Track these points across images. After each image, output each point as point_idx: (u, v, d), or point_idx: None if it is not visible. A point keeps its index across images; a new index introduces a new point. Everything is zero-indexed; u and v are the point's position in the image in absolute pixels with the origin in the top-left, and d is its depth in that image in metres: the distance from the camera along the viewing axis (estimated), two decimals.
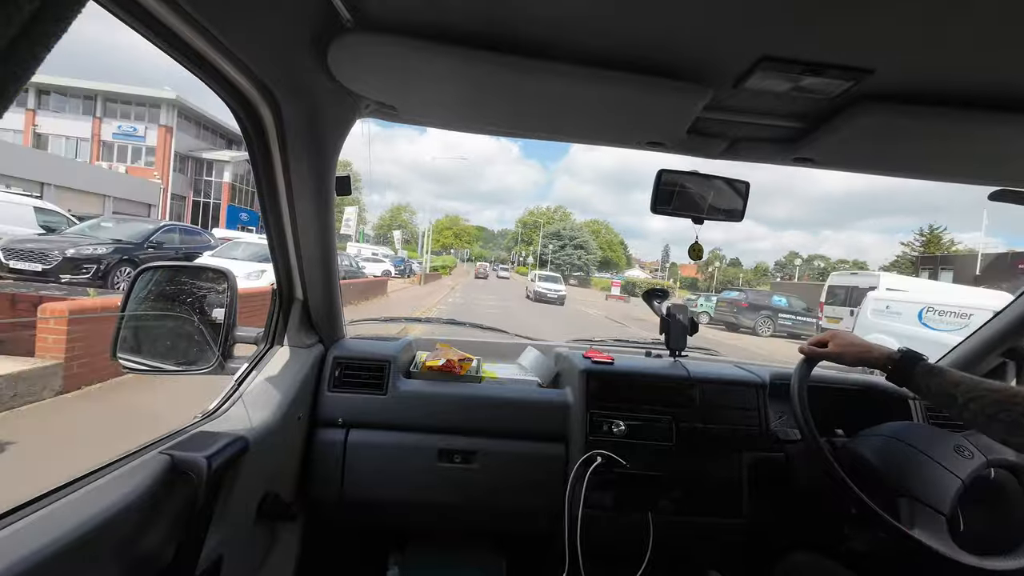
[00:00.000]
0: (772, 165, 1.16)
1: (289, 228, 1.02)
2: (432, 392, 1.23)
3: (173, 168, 27.71)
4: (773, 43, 0.69)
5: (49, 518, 0.54)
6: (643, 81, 0.79)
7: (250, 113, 0.82)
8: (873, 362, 1.02)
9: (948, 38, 0.64)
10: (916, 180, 1.17)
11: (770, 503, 1.24)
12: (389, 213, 74.49)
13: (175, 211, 28.14)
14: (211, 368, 1.03)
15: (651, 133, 1.02)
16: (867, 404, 1.40)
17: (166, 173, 27.38)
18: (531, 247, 75.48)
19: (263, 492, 0.95)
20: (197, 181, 30.49)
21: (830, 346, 1.09)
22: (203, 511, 0.73)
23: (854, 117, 0.85)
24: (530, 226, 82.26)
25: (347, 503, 1.18)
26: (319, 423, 1.18)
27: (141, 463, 0.68)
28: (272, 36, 0.70)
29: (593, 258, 69.88)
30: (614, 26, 0.68)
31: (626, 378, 1.27)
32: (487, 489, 1.20)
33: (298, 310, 1.17)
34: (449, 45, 0.74)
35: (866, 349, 1.05)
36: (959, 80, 0.75)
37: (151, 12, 0.54)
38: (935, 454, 1.04)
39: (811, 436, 1.06)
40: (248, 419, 0.93)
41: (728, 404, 1.27)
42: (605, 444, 1.18)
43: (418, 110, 1.02)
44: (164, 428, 0.81)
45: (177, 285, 1.10)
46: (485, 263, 59.43)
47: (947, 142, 0.93)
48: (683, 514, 1.19)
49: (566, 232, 71.78)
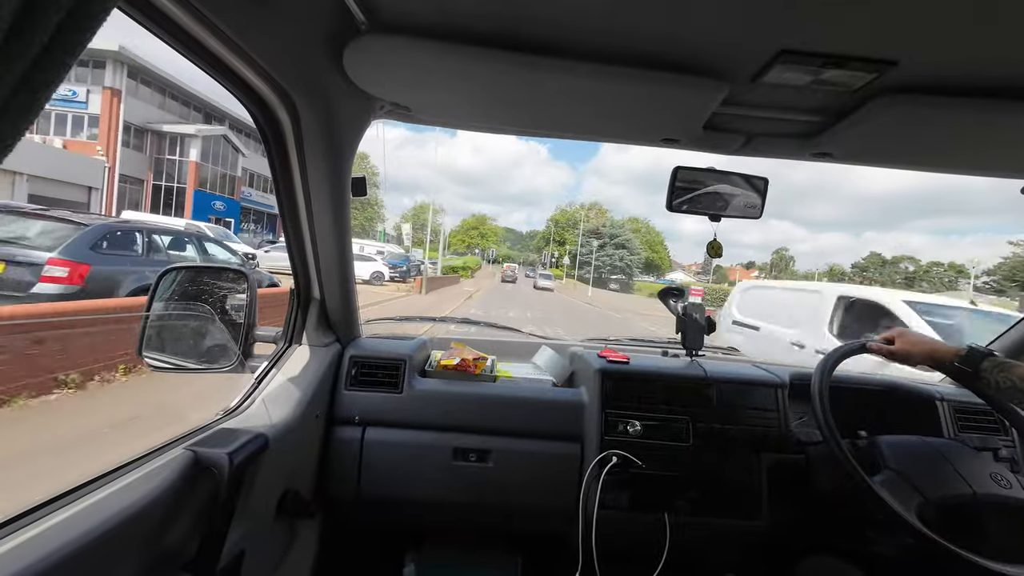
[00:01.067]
0: (806, 163, 1.14)
1: (306, 228, 1.04)
2: (447, 391, 1.24)
3: (124, 143, 21.43)
4: (793, 36, 0.68)
5: (81, 514, 0.56)
6: (658, 77, 0.78)
7: (268, 116, 0.83)
8: (940, 358, 0.99)
9: (975, 28, 0.62)
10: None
11: (790, 506, 1.22)
12: (412, 212, 68.35)
13: (130, 197, 22.19)
14: (232, 367, 1.05)
15: (667, 130, 1.01)
16: (891, 405, 1.36)
17: (112, 147, 20.77)
18: (565, 247, 69.55)
19: (283, 489, 0.97)
20: (159, 161, 23.81)
21: (897, 343, 1.05)
22: (225, 506, 0.74)
23: (876, 110, 0.83)
24: (562, 225, 76.76)
25: (364, 501, 1.19)
26: (336, 421, 1.19)
27: (167, 459, 0.70)
28: (290, 40, 0.72)
29: (637, 259, 61.40)
30: (628, 22, 0.68)
31: (642, 377, 1.26)
32: (501, 488, 1.20)
33: (316, 309, 1.18)
34: (462, 45, 0.74)
35: (933, 347, 1.02)
36: (986, 70, 0.73)
37: (176, 21, 0.55)
38: (968, 475, 1.00)
39: (832, 438, 1.03)
40: (268, 417, 0.95)
41: (746, 404, 1.25)
42: (620, 444, 1.17)
43: (432, 110, 1.02)
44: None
45: (199, 285, 1.12)
46: (514, 264, 52.20)
47: (973, 134, 0.90)
48: (700, 515, 1.18)
49: (606, 230, 64.27)
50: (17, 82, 0.27)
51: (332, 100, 0.88)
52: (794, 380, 1.30)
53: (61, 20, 0.28)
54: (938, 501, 0.97)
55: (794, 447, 1.23)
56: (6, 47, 0.26)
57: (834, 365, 1.09)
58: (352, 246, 1.18)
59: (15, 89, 0.27)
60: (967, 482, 0.99)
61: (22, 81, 0.27)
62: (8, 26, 0.25)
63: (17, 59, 0.27)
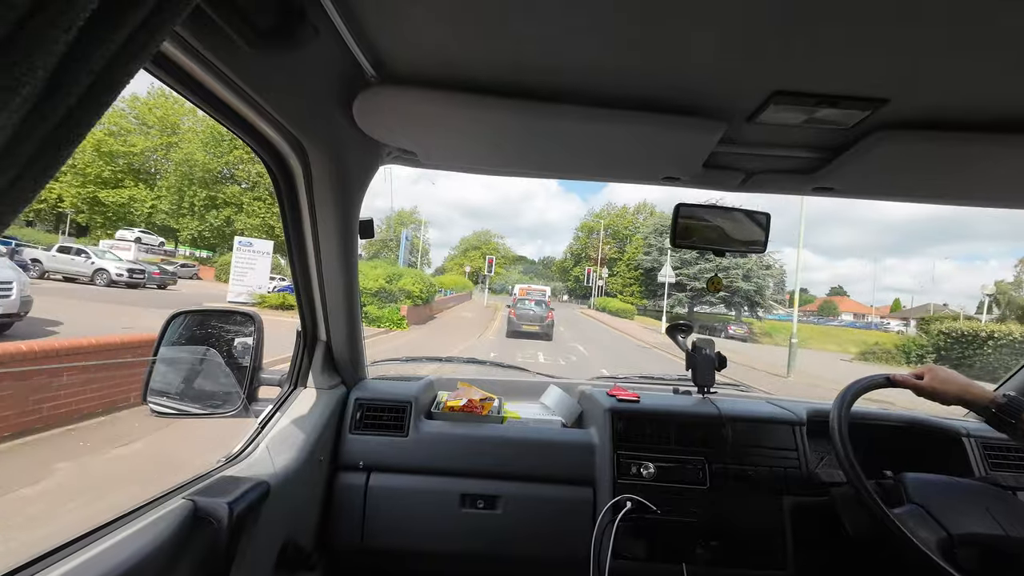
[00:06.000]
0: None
1: (315, 271, 1.05)
2: (453, 433, 1.21)
3: None
4: (785, 78, 0.70)
5: (79, 568, 0.54)
6: (656, 119, 0.81)
7: (280, 164, 0.86)
8: (975, 402, 0.96)
9: (962, 66, 0.64)
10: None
11: (817, 553, 1.15)
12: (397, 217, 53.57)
13: None
14: (236, 411, 1.04)
15: (667, 168, 1.03)
16: (915, 441, 1.31)
17: None
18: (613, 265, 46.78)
19: (284, 539, 0.93)
20: None
21: (926, 379, 1.00)
22: (224, 558, 0.72)
23: (872, 145, 0.84)
24: (597, 234, 51.69)
25: (367, 551, 1.14)
26: (340, 466, 1.16)
27: (165, 510, 0.68)
28: (303, 93, 0.75)
29: (753, 287, 35.76)
30: (626, 69, 0.71)
31: (653, 416, 1.22)
32: (510, 537, 1.15)
33: (322, 351, 1.18)
34: (467, 94, 0.78)
35: (965, 388, 0.97)
36: (981, 105, 0.74)
37: (197, 79, 0.59)
38: (1000, 515, 0.95)
39: (855, 475, 0.98)
40: (271, 463, 0.93)
41: (763, 443, 1.20)
42: (634, 487, 1.12)
43: (439, 155, 1.06)
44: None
45: (206, 329, 1.13)
46: (542, 288, 27.08)
47: (971, 166, 0.91)
48: (720, 565, 1.11)
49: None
50: (44, 139, 0.28)
51: (342, 148, 0.91)
52: (811, 416, 1.26)
53: (91, 82, 0.29)
54: (963, 538, 0.91)
55: (817, 488, 1.17)
56: (39, 107, 0.27)
57: (852, 400, 1.06)
58: (358, 286, 1.18)
59: (42, 145, 0.28)
60: (998, 522, 0.94)
61: (49, 139, 0.28)
62: (41, 89, 0.26)
63: (46, 118, 0.28)
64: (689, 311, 36.93)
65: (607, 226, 52.00)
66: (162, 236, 30.20)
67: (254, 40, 0.54)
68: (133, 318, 7.87)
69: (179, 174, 30.26)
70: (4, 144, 0.26)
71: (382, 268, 15.32)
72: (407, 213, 56.32)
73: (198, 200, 30.03)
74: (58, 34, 0.26)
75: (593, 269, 43.17)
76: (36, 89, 0.26)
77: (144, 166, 32.48)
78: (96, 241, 23.00)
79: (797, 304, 15.00)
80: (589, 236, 55.45)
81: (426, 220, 55.49)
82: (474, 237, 68.98)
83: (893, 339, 23.57)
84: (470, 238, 69.26)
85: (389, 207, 51.81)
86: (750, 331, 30.56)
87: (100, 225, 30.12)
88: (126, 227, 28.40)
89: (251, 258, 13.86)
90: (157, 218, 31.63)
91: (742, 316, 36.92)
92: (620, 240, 50.44)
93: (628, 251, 46.59)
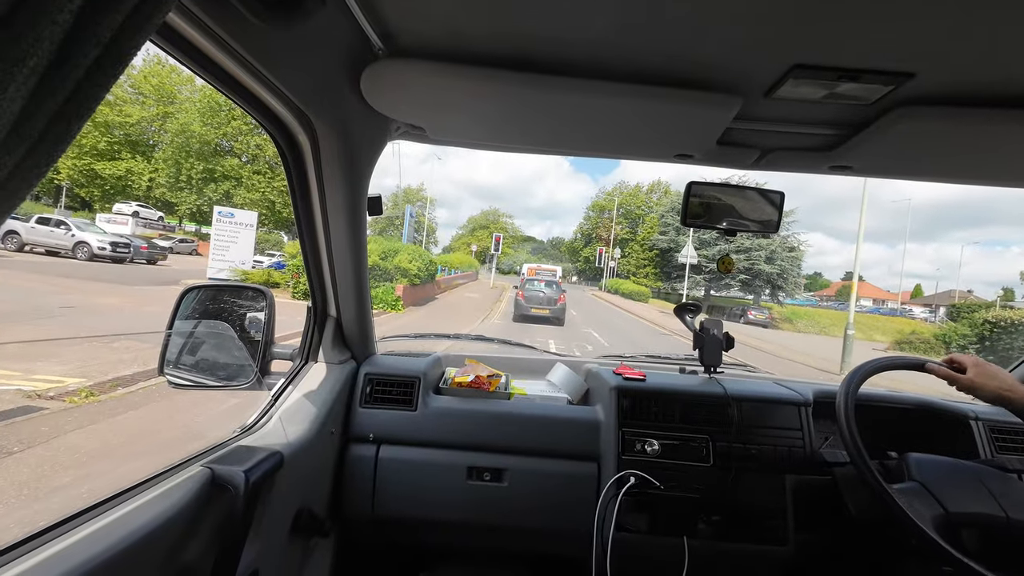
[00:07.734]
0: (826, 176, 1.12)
1: (324, 247, 1.06)
2: (461, 408, 1.23)
3: None
4: (806, 50, 0.68)
5: (102, 530, 0.57)
6: (670, 93, 0.79)
7: (288, 138, 0.86)
8: (1015, 402, 0.93)
9: (997, 40, 0.61)
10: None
11: (818, 531, 1.17)
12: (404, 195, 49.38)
13: None
14: (249, 384, 1.06)
15: (680, 145, 1.01)
16: (922, 423, 1.31)
17: None
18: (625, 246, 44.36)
19: (298, 507, 0.97)
20: None
21: (970, 372, 0.96)
22: (241, 524, 0.74)
23: (894, 121, 0.82)
24: (609, 213, 48.78)
25: (378, 520, 1.18)
26: (351, 439, 1.19)
27: (184, 477, 0.70)
28: (310, 66, 0.74)
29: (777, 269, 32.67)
30: (638, 41, 0.69)
31: (659, 395, 1.23)
32: (516, 508, 1.18)
33: (332, 327, 1.19)
34: (476, 67, 0.76)
35: (1009, 387, 0.93)
36: (1007, 79, 0.71)
37: (204, 52, 0.58)
38: (1002, 498, 0.96)
39: (859, 456, 0.98)
40: (284, 434, 0.95)
41: (768, 423, 1.21)
42: (638, 464, 1.14)
43: (447, 130, 1.04)
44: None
45: (219, 303, 1.14)
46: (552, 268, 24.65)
47: (997, 144, 0.88)
48: (722, 540, 1.14)
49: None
50: (54, 113, 0.28)
51: (350, 122, 0.90)
52: (818, 398, 1.26)
53: (99, 55, 0.29)
54: (961, 518, 0.93)
55: (820, 468, 1.19)
56: (46, 80, 0.27)
57: (861, 381, 1.05)
58: (367, 262, 1.19)
59: (52, 119, 0.28)
60: (1000, 504, 0.94)
61: (58, 113, 0.28)
62: (48, 62, 0.26)
63: (55, 92, 0.28)
64: (706, 294, 35.06)
65: (620, 205, 49.06)
66: (162, 211, 29.23)
67: (261, 11, 0.53)
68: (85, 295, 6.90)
69: (176, 145, 29.33)
70: (14, 119, 0.26)
71: (376, 243, 14.42)
72: (414, 191, 52.98)
73: (196, 173, 28.96)
74: (63, 3, 0.25)
75: (605, 249, 41.54)
76: (43, 62, 0.26)
77: (141, 138, 31.61)
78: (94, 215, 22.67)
79: (855, 288, 12.59)
80: (600, 215, 52.58)
81: (433, 197, 50.22)
82: (482, 216, 65.97)
83: (930, 328, 22.80)
84: (478, 217, 66.65)
85: (396, 185, 50.20)
86: (771, 316, 28.32)
87: (99, 198, 29.69)
88: (123, 201, 27.97)
89: (233, 231, 12.32)
90: (156, 192, 30.91)
91: (761, 300, 34.25)
92: (632, 220, 48.07)
93: (642, 231, 44.01)
